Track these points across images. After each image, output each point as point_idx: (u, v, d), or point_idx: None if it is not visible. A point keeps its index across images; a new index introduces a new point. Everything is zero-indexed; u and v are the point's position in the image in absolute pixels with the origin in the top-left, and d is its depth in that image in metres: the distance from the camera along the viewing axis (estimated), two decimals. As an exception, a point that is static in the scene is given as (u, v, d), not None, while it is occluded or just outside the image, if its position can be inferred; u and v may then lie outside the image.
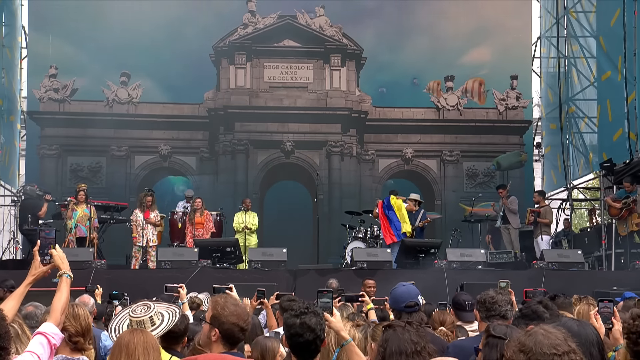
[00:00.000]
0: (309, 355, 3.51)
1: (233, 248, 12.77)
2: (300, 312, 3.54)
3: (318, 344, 3.52)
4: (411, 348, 3.10)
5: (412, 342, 3.13)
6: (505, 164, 18.75)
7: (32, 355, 3.21)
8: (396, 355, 3.09)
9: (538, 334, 2.52)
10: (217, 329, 3.67)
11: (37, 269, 3.82)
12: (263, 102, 19.17)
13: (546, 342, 2.48)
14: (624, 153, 14.25)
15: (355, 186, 18.91)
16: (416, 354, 3.02)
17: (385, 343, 3.17)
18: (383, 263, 12.19)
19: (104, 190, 17.66)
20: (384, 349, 3.15)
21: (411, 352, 3.07)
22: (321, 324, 3.53)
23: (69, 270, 3.75)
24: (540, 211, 14.50)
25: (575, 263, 12.36)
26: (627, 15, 14.13)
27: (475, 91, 18.97)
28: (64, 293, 3.62)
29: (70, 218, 13.25)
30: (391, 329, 3.22)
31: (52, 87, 18.62)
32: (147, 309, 4.19)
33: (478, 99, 19.03)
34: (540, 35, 19.62)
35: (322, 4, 19.33)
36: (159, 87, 18.77)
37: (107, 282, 9.38)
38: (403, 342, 3.13)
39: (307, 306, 3.62)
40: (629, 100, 14.21)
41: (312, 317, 3.52)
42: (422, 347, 3.11)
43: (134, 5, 18.23)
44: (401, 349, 3.11)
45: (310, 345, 3.49)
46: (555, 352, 2.46)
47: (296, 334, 3.48)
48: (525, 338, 2.53)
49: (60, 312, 3.52)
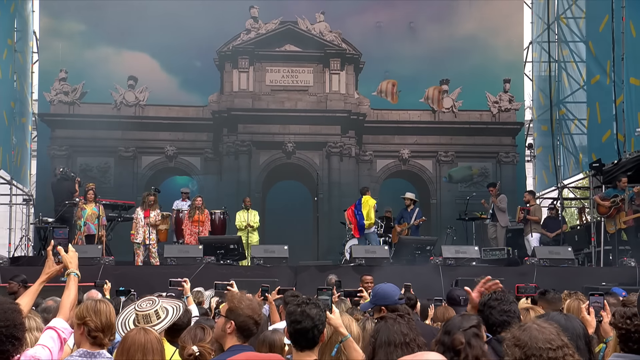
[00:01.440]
0: (306, 343, 3.49)
1: (236, 245, 12.78)
2: (303, 302, 3.56)
3: (316, 334, 3.50)
4: (400, 339, 3.09)
5: (402, 334, 3.12)
6: (457, 177, 18.83)
7: (44, 349, 3.25)
8: (385, 346, 3.09)
9: (532, 329, 2.52)
10: (233, 321, 3.71)
11: (51, 268, 3.87)
12: (265, 104, 19.18)
13: (541, 337, 2.48)
14: (613, 154, 14.26)
15: (354, 185, 18.88)
16: (405, 345, 3.01)
17: (376, 334, 3.17)
18: (381, 259, 12.21)
19: (112, 189, 17.68)
20: (374, 339, 3.16)
21: (400, 343, 3.06)
22: (321, 315, 3.52)
23: (77, 269, 3.81)
24: (530, 209, 14.52)
25: (565, 260, 12.37)
26: (616, 21, 14.13)
27: (435, 98, 18.98)
28: (72, 290, 3.69)
29: (79, 217, 13.27)
30: (383, 321, 3.22)
31: (62, 90, 18.64)
32: (152, 303, 4.21)
33: (437, 105, 18.99)
34: (532, 40, 19.61)
35: (322, 10, 19.34)
36: (164, 90, 18.78)
37: (115, 278, 9.40)
38: (393, 333, 3.13)
39: (310, 298, 3.64)
40: (617, 103, 14.22)
41: (313, 307, 3.52)
42: (412, 339, 3.11)
43: (140, 13, 18.24)
44: (390, 340, 3.10)
45: (307, 333, 3.47)
46: (549, 346, 2.46)
47: (295, 320, 3.47)
48: (520, 333, 2.52)
49: (68, 308, 3.58)
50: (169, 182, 19.00)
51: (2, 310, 3.03)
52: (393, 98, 19.01)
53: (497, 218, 14.67)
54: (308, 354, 3.49)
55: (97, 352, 3.70)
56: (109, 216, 14.21)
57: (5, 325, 2.97)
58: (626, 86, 13.80)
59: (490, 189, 15.17)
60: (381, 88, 19.00)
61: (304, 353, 3.49)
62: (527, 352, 2.45)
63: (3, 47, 15.86)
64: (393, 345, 3.04)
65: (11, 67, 16.33)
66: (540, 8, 18.99)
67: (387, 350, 3.05)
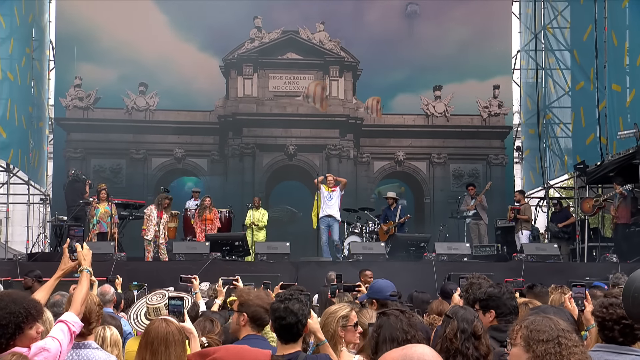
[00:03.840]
0: (291, 337, 3.49)
1: (241, 242, 12.77)
2: (285, 298, 3.54)
3: (300, 328, 3.50)
4: (402, 337, 3.07)
5: (404, 331, 3.10)
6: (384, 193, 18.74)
7: (54, 340, 3.25)
8: (389, 342, 3.07)
9: (544, 318, 2.50)
10: (245, 312, 3.72)
11: (67, 264, 3.87)
12: (268, 109, 19.17)
13: (553, 324, 2.46)
14: (596, 156, 14.27)
15: (352, 186, 18.87)
16: (406, 342, 2.99)
17: (379, 329, 3.14)
18: (377, 255, 12.20)
19: (124, 189, 17.67)
20: (377, 334, 3.13)
21: (402, 340, 3.04)
22: (303, 309, 3.51)
23: (90, 266, 3.80)
24: (520, 209, 14.50)
25: (551, 255, 12.36)
26: (598, 31, 14.15)
27: (374, 108, 18.90)
28: (84, 286, 3.66)
29: (93, 215, 13.27)
30: (385, 317, 3.20)
31: (77, 96, 18.64)
32: (162, 297, 4.20)
33: (320, 105, 18.85)
34: (520, 49, 19.60)
35: (322, 20, 19.34)
36: (173, 96, 18.78)
37: (126, 273, 9.41)
38: (395, 330, 3.10)
39: (292, 294, 3.62)
40: (600, 108, 14.23)
41: (296, 302, 3.50)
42: (412, 336, 3.08)
43: (151, 23, 18.24)
44: (393, 337, 3.08)
45: (292, 328, 3.47)
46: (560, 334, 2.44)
47: (280, 317, 3.46)
48: (534, 318, 2.51)
49: (80, 303, 3.56)
50: (178, 182, 19.01)
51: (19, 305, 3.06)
52: (377, 114, 19.01)
53: (480, 216, 14.65)
54: (292, 346, 3.49)
55: (82, 342, 3.69)
56: (121, 215, 14.19)
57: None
58: (608, 92, 13.81)
59: (469, 188, 15.14)
60: (367, 104, 19.01)
61: (288, 345, 3.49)
62: (539, 336, 2.42)
63: (22, 55, 15.86)
64: (396, 342, 3.02)
65: (29, 74, 16.32)
66: (527, 18, 19.00)
67: (391, 346, 3.03)
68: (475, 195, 14.76)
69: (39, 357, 3.10)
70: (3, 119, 14.72)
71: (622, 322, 3.07)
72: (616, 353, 3.07)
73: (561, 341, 2.40)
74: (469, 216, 14.73)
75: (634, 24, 13.24)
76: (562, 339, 2.40)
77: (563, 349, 2.38)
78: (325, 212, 13.36)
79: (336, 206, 13.50)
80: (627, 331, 3.10)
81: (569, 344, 2.39)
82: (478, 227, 14.61)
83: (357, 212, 15.21)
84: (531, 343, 2.41)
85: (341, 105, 19.28)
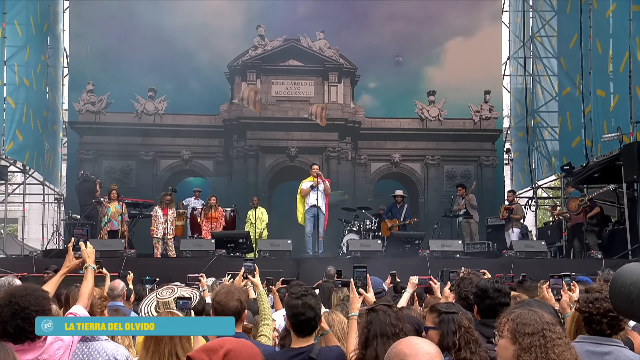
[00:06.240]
0: (308, 331, 3.52)
1: (244, 239, 12.79)
2: (301, 294, 3.56)
3: (317, 321, 3.53)
4: (392, 331, 3.08)
5: (392, 325, 3.11)
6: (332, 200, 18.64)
7: None
8: (379, 337, 3.09)
9: (529, 311, 2.53)
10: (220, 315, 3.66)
11: (71, 262, 3.98)
12: (271, 113, 19.20)
13: (537, 317, 2.49)
14: (581, 157, 14.31)
15: (350, 186, 18.93)
16: (395, 336, 3.01)
17: (369, 325, 3.15)
18: (374, 252, 12.21)
19: (134, 189, 17.69)
20: (367, 330, 3.14)
21: (392, 334, 3.06)
22: (318, 304, 3.55)
23: (94, 263, 3.87)
24: (513, 208, 14.50)
25: (539, 252, 12.36)
26: (584, 39, 14.18)
27: (318, 114, 18.80)
28: (90, 281, 3.75)
29: (104, 214, 13.30)
30: (374, 312, 3.21)
31: (89, 100, 18.65)
32: (171, 291, 4.23)
33: (320, 120, 18.75)
34: (510, 56, 19.64)
35: (322, 29, 19.36)
36: (181, 101, 18.80)
37: (136, 269, 9.40)
38: (384, 325, 3.10)
39: (306, 289, 3.64)
40: (586, 112, 14.27)
41: (311, 298, 3.53)
42: (400, 329, 3.10)
43: (160, 32, 18.23)
44: (383, 331, 3.09)
45: (310, 322, 3.50)
46: (544, 326, 2.47)
47: (299, 313, 3.47)
48: (520, 311, 2.54)
49: (86, 297, 3.63)
50: (185, 182, 19.02)
51: (35, 297, 3.10)
52: (322, 121, 18.81)
53: (471, 215, 14.66)
54: (308, 339, 3.51)
55: None
56: (131, 213, 14.22)
57: (35, 310, 3.05)
58: (593, 97, 13.85)
59: (459, 188, 15.11)
60: (311, 111, 18.76)
61: (304, 339, 3.50)
62: (525, 329, 2.45)
63: (37, 62, 15.91)
64: (386, 337, 3.04)
65: (44, 80, 16.38)
66: (516, 27, 19.04)
67: (381, 341, 3.05)
68: (464, 195, 14.78)
69: (54, 346, 3.16)
70: (19, 123, 14.77)
71: (609, 314, 3.11)
72: (597, 344, 3.10)
73: (545, 334, 2.43)
74: (461, 215, 14.73)
75: (617, 32, 13.27)
76: (547, 332, 2.44)
77: (547, 341, 2.41)
78: (312, 203, 12.96)
79: (322, 199, 13.05)
80: (614, 323, 3.14)
81: (553, 337, 2.43)
82: (469, 225, 14.62)
83: (355, 211, 15.23)
84: (517, 335, 2.44)
85: (340, 109, 19.30)
